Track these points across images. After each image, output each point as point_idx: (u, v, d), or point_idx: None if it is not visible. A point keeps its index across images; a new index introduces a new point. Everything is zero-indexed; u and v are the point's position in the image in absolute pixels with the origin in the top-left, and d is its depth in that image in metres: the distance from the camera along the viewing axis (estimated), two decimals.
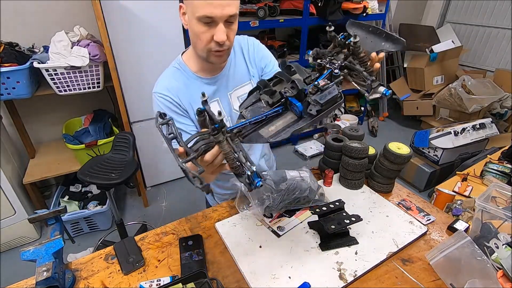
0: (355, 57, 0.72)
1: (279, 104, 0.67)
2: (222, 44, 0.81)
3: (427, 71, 3.27)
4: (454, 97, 2.80)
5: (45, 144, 2.32)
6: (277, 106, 0.67)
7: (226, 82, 1.00)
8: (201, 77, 0.97)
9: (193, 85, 0.96)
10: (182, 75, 0.96)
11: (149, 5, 1.94)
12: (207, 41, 0.82)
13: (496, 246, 0.85)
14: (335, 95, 0.64)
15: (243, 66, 1.03)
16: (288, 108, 0.68)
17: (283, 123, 0.66)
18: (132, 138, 1.70)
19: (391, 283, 0.81)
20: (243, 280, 0.81)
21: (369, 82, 0.69)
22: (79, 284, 0.81)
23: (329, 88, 0.65)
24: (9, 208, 1.88)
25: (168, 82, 0.94)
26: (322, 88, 0.65)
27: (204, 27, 0.79)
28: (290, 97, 0.66)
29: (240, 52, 1.04)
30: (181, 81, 0.95)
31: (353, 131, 1.24)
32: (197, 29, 0.80)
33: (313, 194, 1.04)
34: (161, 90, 0.93)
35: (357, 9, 2.82)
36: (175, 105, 0.93)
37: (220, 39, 0.79)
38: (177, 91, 0.93)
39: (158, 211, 2.35)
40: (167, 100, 0.92)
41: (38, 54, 1.83)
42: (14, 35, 1.94)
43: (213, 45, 0.82)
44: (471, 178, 1.63)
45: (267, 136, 0.64)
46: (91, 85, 1.89)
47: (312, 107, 0.63)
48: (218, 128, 0.58)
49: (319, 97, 0.64)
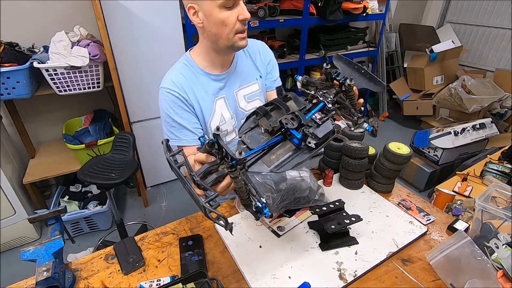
0: (346, 95, 0.77)
1: (279, 133, 0.69)
2: (246, 22, 0.85)
3: (427, 71, 3.27)
4: (454, 97, 2.80)
5: (45, 144, 2.32)
6: (277, 135, 0.69)
7: (233, 80, 1.01)
8: (209, 73, 0.97)
9: (200, 81, 0.97)
10: (190, 70, 0.97)
11: (149, 5, 1.94)
12: (233, 23, 0.84)
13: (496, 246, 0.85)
14: (331, 130, 0.68)
15: (250, 66, 1.05)
16: (286, 137, 0.70)
17: (282, 152, 0.68)
18: (132, 138, 1.70)
19: (391, 283, 0.81)
20: (243, 280, 0.81)
21: (356, 118, 0.75)
22: (79, 284, 0.81)
23: (325, 123, 0.69)
24: (9, 208, 1.88)
25: (175, 77, 0.95)
26: (319, 122, 0.69)
27: (227, 11, 0.82)
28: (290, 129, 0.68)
29: (248, 53, 1.06)
30: (188, 76, 0.96)
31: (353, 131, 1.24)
32: (222, 16, 0.83)
33: (313, 194, 1.04)
34: (168, 85, 0.94)
35: (357, 9, 2.82)
36: (181, 100, 0.94)
37: (247, 16, 0.84)
38: (184, 86, 0.94)
39: (158, 211, 2.35)
40: (173, 95, 0.93)
41: (38, 54, 1.83)
42: (14, 35, 1.94)
43: (239, 26, 0.85)
44: (471, 178, 1.63)
45: (270, 166, 0.66)
46: (91, 85, 1.89)
47: (311, 140, 0.66)
48: (236, 164, 0.57)
49: (317, 131, 0.67)
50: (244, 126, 0.73)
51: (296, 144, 0.68)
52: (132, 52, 2.02)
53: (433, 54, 3.24)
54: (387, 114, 3.81)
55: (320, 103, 0.74)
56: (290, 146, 0.69)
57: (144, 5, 1.92)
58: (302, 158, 0.67)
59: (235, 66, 1.01)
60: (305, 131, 0.67)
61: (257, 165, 0.66)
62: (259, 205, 0.59)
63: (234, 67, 1.01)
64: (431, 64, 3.27)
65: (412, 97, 3.43)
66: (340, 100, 0.75)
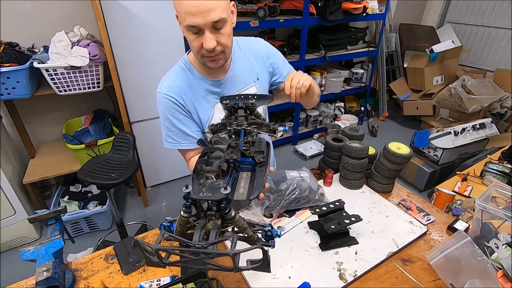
0: (253, 114, 0.82)
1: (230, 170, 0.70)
2: (212, 50, 0.81)
3: (427, 71, 3.27)
4: (454, 97, 2.80)
5: (45, 144, 2.32)
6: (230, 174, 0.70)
7: (231, 84, 1.00)
8: (207, 79, 0.96)
9: (198, 86, 0.96)
10: (188, 75, 0.96)
11: (149, 5, 1.94)
12: (198, 48, 0.82)
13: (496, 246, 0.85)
14: (265, 142, 0.76)
15: (248, 68, 1.03)
16: (238, 170, 0.72)
17: (244, 182, 0.70)
18: (132, 138, 1.70)
19: (391, 283, 0.81)
20: (243, 280, 0.81)
21: (272, 127, 0.79)
22: (79, 284, 0.81)
23: (257, 139, 0.76)
24: (9, 208, 1.88)
25: (172, 82, 0.94)
26: (253, 141, 0.75)
27: (193, 35, 0.80)
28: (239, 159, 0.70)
29: (245, 53, 1.03)
30: (186, 80, 0.95)
31: (353, 131, 1.24)
32: (189, 37, 0.81)
33: (313, 194, 1.04)
34: (165, 90, 0.93)
35: (357, 9, 2.82)
36: (179, 105, 0.94)
37: (207, 47, 0.79)
38: (181, 91, 0.94)
39: (158, 211, 2.35)
40: (170, 101, 0.93)
41: (38, 54, 1.82)
42: (14, 35, 1.94)
43: (204, 52, 0.82)
44: (471, 178, 1.63)
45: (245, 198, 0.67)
46: (91, 85, 1.89)
47: (259, 157, 0.72)
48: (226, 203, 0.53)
49: (257, 148, 0.73)
50: (195, 188, 0.68)
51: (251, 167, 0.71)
52: (132, 52, 2.01)
53: (433, 54, 3.24)
54: (387, 114, 3.81)
55: (240, 130, 0.78)
56: (246, 174, 0.72)
57: (144, 5, 1.92)
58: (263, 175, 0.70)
59: (232, 71, 0.99)
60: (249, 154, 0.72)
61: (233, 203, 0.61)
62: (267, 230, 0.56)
63: (232, 72, 0.99)
64: (431, 64, 3.28)
65: (412, 97, 3.43)
66: (252, 121, 0.80)
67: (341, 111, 3.61)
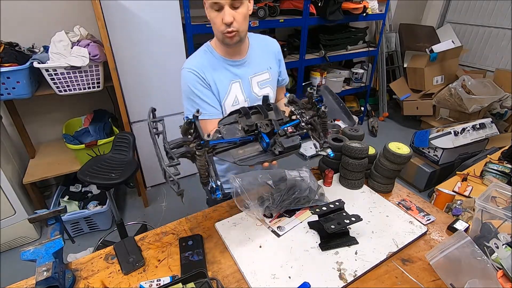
0: (320, 119, 0.87)
1: (252, 133, 0.80)
2: (230, 25, 0.94)
3: (427, 71, 3.27)
4: (454, 97, 2.80)
5: (45, 144, 2.32)
6: (250, 135, 0.79)
7: (248, 67, 1.12)
8: (226, 59, 1.08)
9: (219, 66, 1.07)
10: (210, 56, 1.08)
11: (149, 5, 1.94)
12: (219, 24, 0.96)
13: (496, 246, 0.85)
14: (296, 144, 0.79)
15: (263, 58, 1.16)
16: (257, 139, 0.80)
17: (250, 150, 0.79)
18: (132, 138, 1.70)
19: (391, 283, 0.82)
20: (243, 280, 0.81)
21: (322, 142, 0.86)
22: (79, 284, 0.81)
23: (294, 137, 0.80)
24: (9, 208, 1.88)
25: (196, 60, 1.07)
26: (289, 135, 0.80)
27: (215, 12, 0.95)
28: (263, 132, 0.78)
29: (264, 48, 1.16)
30: (208, 61, 1.07)
31: (353, 131, 1.24)
32: (212, 15, 0.96)
33: (313, 194, 1.04)
34: (189, 66, 1.05)
35: (357, 9, 2.82)
36: (200, 79, 1.04)
37: (226, 21, 0.93)
38: (203, 68, 1.05)
39: (158, 211, 2.35)
40: (194, 74, 1.03)
41: (38, 54, 1.82)
42: (14, 35, 1.94)
43: (223, 28, 0.95)
44: (471, 178, 1.63)
45: (235, 158, 0.77)
46: (91, 85, 1.89)
47: (277, 147, 0.77)
48: (203, 145, 0.69)
49: (284, 142, 0.78)
50: (225, 120, 0.82)
51: (264, 147, 0.78)
52: (132, 52, 2.01)
53: (433, 54, 3.24)
54: (387, 114, 3.81)
55: (296, 120, 0.85)
56: (258, 147, 0.79)
57: (144, 5, 1.92)
58: (264, 160, 0.78)
59: (250, 54, 1.12)
60: (274, 139, 0.78)
61: (226, 154, 0.77)
62: (213, 186, 0.68)
63: (250, 55, 1.12)
64: (431, 64, 3.27)
65: (412, 97, 3.43)
66: (314, 122, 0.86)
67: None
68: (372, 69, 3.47)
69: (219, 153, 0.76)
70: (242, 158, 0.77)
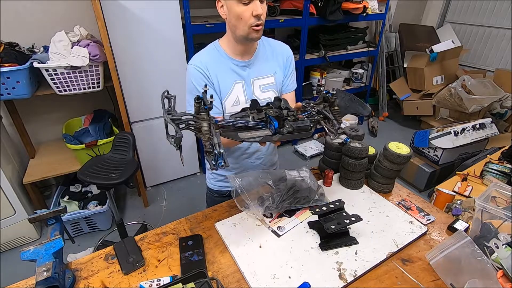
0: (331, 107, 0.92)
1: (262, 121, 0.83)
2: (260, 17, 0.96)
3: (427, 71, 3.27)
4: (454, 97, 2.80)
5: (45, 144, 2.32)
6: (260, 121, 0.82)
7: (253, 69, 1.12)
8: (232, 58, 1.09)
9: (224, 64, 1.09)
10: (216, 54, 1.10)
11: (149, 5, 1.94)
12: (248, 17, 0.96)
13: (496, 246, 0.85)
14: (306, 126, 0.83)
15: (270, 62, 1.16)
16: (267, 126, 0.83)
17: (259, 134, 0.81)
18: (132, 138, 1.70)
19: (391, 283, 0.82)
20: (243, 280, 0.81)
21: (336, 128, 0.88)
22: (79, 284, 0.81)
23: (303, 120, 0.84)
24: (9, 208, 1.88)
25: (202, 57, 1.08)
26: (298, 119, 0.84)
27: (244, 6, 0.95)
28: (270, 116, 0.81)
29: (272, 52, 1.16)
30: (214, 58, 1.09)
31: (353, 131, 1.24)
32: (239, 10, 0.96)
33: (313, 194, 1.04)
34: (195, 62, 1.07)
35: (357, 9, 2.82)
36: (204, 76, 1.06)
37: (259, 12, 0.95)
38: (208, 65, 1.07)
39: (158, 211, 2.35)
40: (198, 72, 1.06)
41: (38, 54, 1.82)
42: (14, 35, 1.94)
43: (253, 21, 0.96)
44: (471, 178, 1.63)
45: (242, 137, 0.79)
46: (91, 85, 1.89)
47: (285, 129, 0.81)
48: (207, 109, 0.72)
49: (294, 123, 0.82)
50: (238, 114, 0.87)
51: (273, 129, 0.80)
52: (132, 52, 2.01)
53: (433, 54, 3.24)
54: (387, 114, 3.81)
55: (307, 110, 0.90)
56: (267, 132, 0.82)
57: (144, 5, 1.92)
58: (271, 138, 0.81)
59: (256, 57, 1.12)
60: (284, 122, 0.81)
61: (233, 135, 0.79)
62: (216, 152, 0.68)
63: (256, 58, 1.12)
64: (431, 64, 3.27)
65: (412, 97, 3.43)
66: (325, 112, 0.89)
67: None
68: (372, 69, 3.47)
69: (226, 133, 0.79)
70: (249, 137, 0.79)
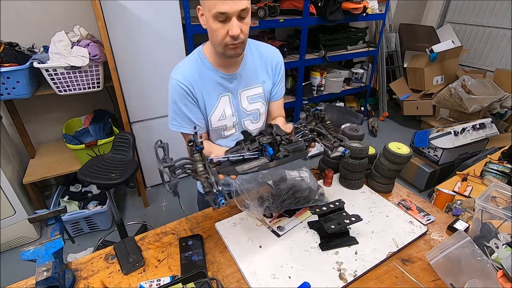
0: (322, 123, 0.90)
1: (257, 150, 0.81)
2: (237, 38, 0.87)
3: (427, 71, 3.27)
4: (454, 97, 2.80)
5: (45, 144, 2.32)
6: (255, 151, 0.81)
7: (239, 80, 1.05)
8: (218, 71, 1.01)
9: (209, 77, 1.01)
10: (201, 65, 1.01)
11: (149, 5, 1.94)
12: (223, 36, 0.87)
13: (496, 246, 0.85)
14: (301, 146, 0.82)
15: (258, 70, 1.08)
16: (263, 154, 0.81)
17: (255, 163, 0.79)
18: (132, 138, 1.70)
19: (391, 283, 0.82)
20: (243, 280, 0.81)
21: (332, 142, 0.84)
22: (79, 284, 0.81)
23: (298, 142, 0.82)
24: (9, 208, 1.88)
25: (185, 70, 1.00)
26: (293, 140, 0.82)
27: (219, 23, 0.85)
28: (264, 144, 0.79)
29: (261, 58, 1.08)
30: (198, 70, 1.00)
31: (353, 131, 1.24)
32: (214, 26, 0.86)
33: (313, 194, 1.04)
34: (179, 77, 0.98)
35: (357, 9, 2.82)
36: (188, 93, 0.99)
37: (234, 33, 0.85)
38: (192, 80, 0.99)
39: (158, 211, 2.35)
40: (181, 88, 0.98)
41: (38, 54, 1.82)
42: (14, 35, 1.94)
43: (228, 40, 0.88)
44: (471, 178, 1.63)
45: (240, 170, 0.78)
46: (91, 85, 1.89)
47: (281, 153, 0.79)
48: (199, 150, 0.72)
49: (288, 146, 0.80)
50: (233, 148, 0.85)
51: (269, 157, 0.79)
52: (132, 52, 2.01)
53: (433, 54, 3.24)
54: (387, 114, 3.81)
55: (300, 131, 0.88)
56: (264, 160, 0.80)
57: (144, 5, 1.92)
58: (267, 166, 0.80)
59: (243, 68, 1.04)
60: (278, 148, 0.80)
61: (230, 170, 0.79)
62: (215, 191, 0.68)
63: (243, 69, 1.04)
64: (431, 64, 3.27)
65: (412, 97, 3.43)
66: (318, 129, 0.88)
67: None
68: (372, 69, 3.47)
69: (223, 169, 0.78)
70: (246, 169, 0.78)
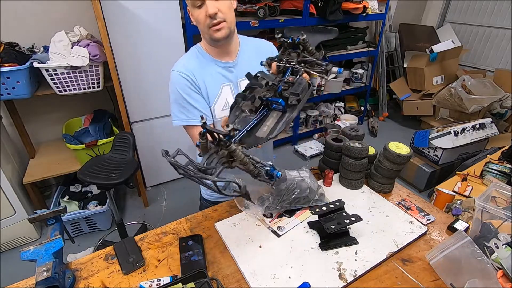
0: (306, 51, 0.83)
1: (262, 108, 0.75)
2: (214, 16, 0.91)
3: (427, 71, 3.27)
4: (454, 97, 2.80)
5: (45, 144, 2.32)
6: (261, 110, 0.75)
7: (239, 69, 1.08)
8: (217, 61, 1.05)
9: (209, 67, 1.05)
10: (200, 57, 1.06)
11: (149, 5, 1.94)
12: (204, 19, 0.93)
13: (496, 246, 0.85)
14: (305, 84, 0.75)
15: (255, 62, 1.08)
16: (270, 108, 0.75)
17: (272, 121, 0.73)
18: (132, 138, 1.70)
19: (391, 283, 0.81)
20: (243, 280, 0.81)
21: (324, 66, 0.79)
22: (79, 284, 0.81)
23: (298, 80, 0.75)
24: (9, 208, 1.88)
25: (186, 62, 1.04)
26: (293, 82, 0.75)
27: (198, 9, 0.93)
28: (270, 98, 0.73)
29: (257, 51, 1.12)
30: (199, 62, 1.04)
31: (353, 131, 1.24)
32: (195, 13, 0.94)
33: (313, 194, 1.04)
34: (180, 68, 1.02)
35: (357, 9, 2.82)
36: (190, 82, 1.01)
37: (210, 12, 0.90)
38: (194, 70, 1.02)
39: (158, 211, 2.35)
40: (184, 78, 1.01)
41: (38, 54, 1.82)
42: (14, 35, 1.94)
43: (209, 21, 0.93)
44: (471, 178, 1.63)
45: (264, 136, 0.70)
46: (91, 85, 1.89)
47: (292, 99, 0.72)
48: (229, 139, 0.60)
49: (294, 89, 0.73)
50: (231, 118, 0.76)
51: (281, 108, 0.73)
52: (132, 52, 2.01)
53: (433, 54, 3.24)
54: (387, 114, 3.81)
55: (287, 68, 0.80)
56: (277, 114, 0.74)
57: (144, 5, 1.92)
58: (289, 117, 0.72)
59: (241, 58, 1.08)
60: (284, 94, 0.73)
61: (253, 138, 0.70)
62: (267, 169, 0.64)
63: (240, 59, 1.08)
64: (431, 64, 3.27)
65: (412, 97, 3.43)
66: (304, 59, 0.82)
67: (341, 111, 3.61)
68: (372, 69, 3.47)
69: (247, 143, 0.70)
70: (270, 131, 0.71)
